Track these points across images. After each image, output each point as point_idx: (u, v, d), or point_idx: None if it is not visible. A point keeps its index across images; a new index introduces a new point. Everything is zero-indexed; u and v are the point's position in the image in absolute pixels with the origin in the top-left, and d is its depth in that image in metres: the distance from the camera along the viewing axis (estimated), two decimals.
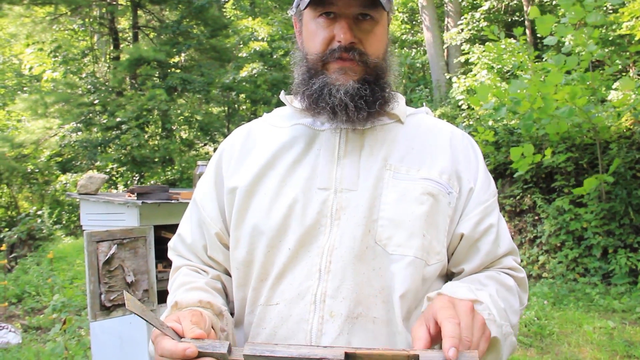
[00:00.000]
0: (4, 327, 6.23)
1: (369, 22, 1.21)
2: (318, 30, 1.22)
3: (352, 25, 1.19)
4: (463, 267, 1.24)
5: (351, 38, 1.18)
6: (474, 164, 1.28)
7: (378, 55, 1.23)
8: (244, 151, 1.33)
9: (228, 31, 16.75)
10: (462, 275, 1.24)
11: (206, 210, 1.32)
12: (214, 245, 1.31)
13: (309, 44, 1.25)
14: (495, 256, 1.25)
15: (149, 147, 14.11)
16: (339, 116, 1.20)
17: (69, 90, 14.62)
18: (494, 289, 1.16)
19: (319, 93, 1.20)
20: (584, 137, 7.45)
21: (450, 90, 12.66)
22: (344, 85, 1.19)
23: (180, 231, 1.39)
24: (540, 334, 5.37)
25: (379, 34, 1.23)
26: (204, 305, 1.11)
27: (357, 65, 1.20)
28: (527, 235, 7.90)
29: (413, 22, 18.35)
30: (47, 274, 8.86)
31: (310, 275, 1.14)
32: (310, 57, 1.24)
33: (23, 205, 16.85)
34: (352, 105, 1.18)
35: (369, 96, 1.20)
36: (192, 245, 1.35)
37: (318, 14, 1.22)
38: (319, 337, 1.10)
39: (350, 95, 1.18)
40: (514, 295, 1.22)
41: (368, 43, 1.21)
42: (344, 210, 1.17)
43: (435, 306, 0.97)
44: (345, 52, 1.19)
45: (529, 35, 12.61)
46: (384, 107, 1.25)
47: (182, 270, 1.34)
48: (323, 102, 1.20)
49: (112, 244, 2.67)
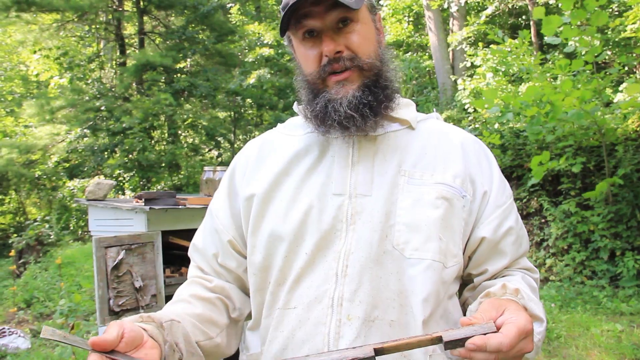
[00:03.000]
0: (14, 332, 6.27)
1: (350, 26, 1.22)
2: (307, 52, 1.25)
3: (334, 35, 1.21)
4: (486, 267, 1.27)
5: (335, 47, 1.20)
6: (486, 168, 1.31)
7: (369, 54, 1.25)
8: (259, 160, 1.36)
9: (234, 36, 16.79)
10: (486, 276, 1.28)
11: (220, 219, 1.36)
12: (226, 252, 1.34)
13: (304, 65, 1.28)
14: (517, 256, 1.29)
15: (155, 152, 14.16)
16: (348, 128, 1.22)
17: (76, 96, 14.68)
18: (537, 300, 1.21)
19: (324, 111, 1.23)
20: (590, 139, 7.44)
21: (456, 93, 12.66)
22: (346, 97, 1.21)
23: (195, 240, 1.43)
24: (547, 337, 5.36)
25: (363, 33, 1.24)
26: (145, 320, 1.09)
27: (353, 72, 1.22)
28: (534, 238, 7.88)
29: (418, 25, 18.35)
30: (55, 279, 8.91)
31: (328, 279, 1.16)
32: (309, 78, 1.27)
33: (31, 211, 16.94)
34: (357, 116, 1.20)
35: (373, 101, 1.22)
36: (203, 252, 1.39)
37: (301, 37, 1.25)
38: (337, 340, 1.12)
39: (354, 106, 1.20)
40: None
41: (355, 45, 1.22)
42: (359, 215, 1.19)
43: (511, 307, 1.02)
44: (336, 63, 1.21)
45: (534, 36, 12.60)
46: (390, 106, 1.27)
47: (184, 284, 1.39)
48: (329, 119, 1.22)
49: (120, 249, 2.70)
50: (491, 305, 1.01)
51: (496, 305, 1.02)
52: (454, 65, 14.58)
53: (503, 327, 0.95)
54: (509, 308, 1.01)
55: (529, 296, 1.13)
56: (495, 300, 1.04)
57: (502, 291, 1.12)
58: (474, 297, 1.29)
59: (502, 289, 1.13)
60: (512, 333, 0.93)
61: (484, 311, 1.00)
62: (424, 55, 17.35)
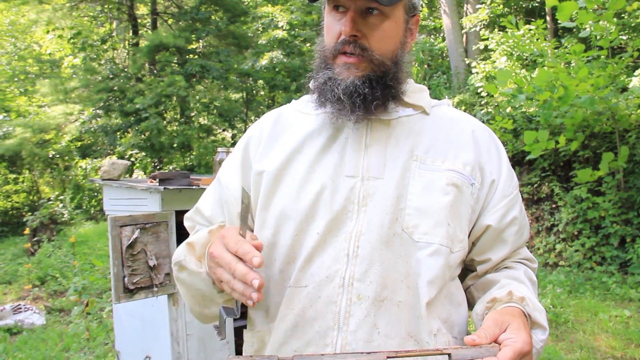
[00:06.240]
0: (29, 309, 6.39)
1: (376, 17, 1.22)
2: (331, 24, 1.26)
3: (358, 18, 1.21)
4: (489, 256, 1.30)
5: (352, 31, 1.20)
6: (495, 157, 1.33)
7: (384, 52, 1.24)
8: (272, 136, 1.37)
9: (247, 17, 16.73)
10: (489, 265, 1.31)
11: (230, 190, 1.36)
12: (234, 224, 1.34)
13: (326, 37, 1.29)
14: (517, 246, 1.33)
15: (168, 133, 14.20)
16: (337, 109, 1.25)
17: (89, 76, 14.73)
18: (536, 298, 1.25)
19: (323, 86, 1.25)
20: (603, 125, 7.40)
21: (469, 77, 12.57)
22: (345, 81, 1.22)
23: (199, 205, 1.44)
24: (555, 321, 5.39)
25: (387, 30, 1.24)
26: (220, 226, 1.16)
27: (362, 60, 1.23)
28: (544, 223, 7.88)
29: (432, 8, 18.20)
30: (69, 257, 9.03)
31: (339, 259, 1.18)
32: (325, 50, 1.28)
33: (44, 190, 17.10)
34: (348, 102, 1.22)
35: (368, 94, 1.23)
36: (210, 218, 1.40)
37: (331, 7, 1.25)
38: (347, 319, 1.15)
39: (349, 92, 1.21)
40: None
41: (373, 38, 1.22)
42: (371, 198, 1.21)
43: (514, 324, 1.05)
44: (347, 45, 1.22)
45: (549, 21, 12.46)
46: (381, 108, 1.28)
47: (196, 228, 1.42)
48: (323, 96, 1.25)
49: (135, 228, 2.74)
50: (495, 323, 1.04)
51: (499, 322, 1.05)
52: (467, 48, 14.46)
53: (501, 351, 0.98)
54: (511, 325, 1.04)
55: (534, 305, 1.16)
56: (499, 316, 1.07)
57: (508, 297, 1.16)
58: (477, 288, 1.33)
59: (508, 296, 1.16)
60: (508, 357, 0.96)
61: (488, 328, 1.03)
62: (437, 38, 17.22)
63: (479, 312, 1.20)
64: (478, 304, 1.24)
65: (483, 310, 1.19)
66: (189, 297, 1.27)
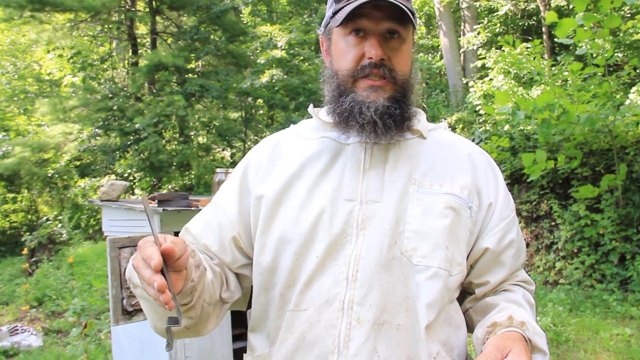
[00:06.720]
0: (26, 330, 6.35)
1: (396, 40, 1.26)
2: (348, 48, 1.27)
3: (382, 42, 1.24)
4: (487, 279, 1.31)
5: (382, 54, 1.23)
6: (492, 181, 1.34)
7: (405, 72, 1.28)
8: (272, 161, 1.37)
9: (246, 37, 16.83)
10: (487, 288, 1.32)
11: (227, 214, 1.36)
12: (225, 248, 1.34)
13: (339, 61, 1.29)
14: (515, 269, 1.34)
15: (167, 152, 14.21)
16: (367, 133, 1.25)
17: (89, 95, 14.78)
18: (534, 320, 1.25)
19: (350, 111, 1.25)
20: (600, 142, 7.42)
21: (467, 95, 12.64)
22: (375, 103, 1.23)
23: (189, 224, 1.42)
24: (556, 340, 5.36)
25: (405, 52, 1.28)
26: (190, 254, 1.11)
27: (387, 82, 1.25)
28: (543, 241, 7.87)
29: (430, 27, 18.34)
30: (67, 277, 8.99)
31: (338, 282, 1.18)
32: (340, 75, 1.28)
33: (43, 210, 17.08)
34: (381, 124, 1.23)
35: (398, 115, 1.25)
36: (196, 236, 1.37)
37: (348, 32, 1.26)
38: (347, 342, 1.15)
39: (380, 114, 1.23)
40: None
41: (396, 60, 1.26)
42: (370, 221, 1.22)
43: (515, 349, 1.05)
44: (376, 69, 1.23)
45: (546, 40, 12.56)
46: (411, 125, 1.30)
47: None
48: (353, 120, 1.25)
49: (134, 250, 2.74)
50: (496, 348, 1.05)
51: (501, 347, 1.05)
52: (465, 67, 14.56)
53: None
54: (513, 350, 1.05)
55: (535, 329, 1.16)
56: (500, 341, 1.08)
57: (509, 322, 1.16)
58: (476, 311, 1.33)
59: (509, 320, 1.16)
60: None
61: (489, 353, 1.04)
62: (435, 56, 17.34)
63: (480, 336, 1.20)
64: (478, 327, 1.24)
65: (484, 334, 1.18)
66: (150, 312, 1.21)
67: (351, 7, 1.20)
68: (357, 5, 1.20)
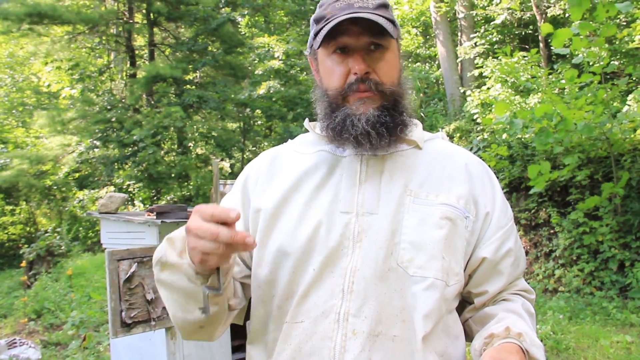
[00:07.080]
0: (25, 343, 6.32)
1: (380, 51, 1.26)
2: (334, 66, 1.28)
3: (365, 56, 1.25)
4: (486, 288, 1.31)
5: (366, 68, 1.24)
6: (489, 190, 1.34)
7: (393, 82, 1.29)
8: (270, 174, 1.38)
9: (244, 48, 16.89)
10: (486, 298, 1.31)
11: None
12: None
13: (328, 80, 1.31)
14: (514, 278, 1.33)
15: (165, 163, 14.22)
16: (363, 145, 1.26)
17: (87, 107, 14.81)
18: (533, 331, 1.26)
19: (342, 125, 1.26)
20: (598, 150, 7.44)
21: (464, 104, 12.66)
22: (365, 114, 1.24)
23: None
24: (556, 348, 5.35)
25: (390, 61, 1.29)
26: None
27: (375, 94, 1.26)
28: (542, 249, 7.87)
29: (427, 36, 18.40)
30: (66, 290, 8.97)
31: (334, 294, 1.19)
32: (330, 93, 1.30)
33: (41, 222, 17.06)
34: (374, 133, 1.24)
35: (390, 122, 1.26)
36: None
37: (332, 51, 1.28)
38: (342, 354, 1.15)
39: (372, 123, 1.24)
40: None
41: (382, 72, 1.26)
42: (366, 233, 1.22)
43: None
44: (362, 83, 1.25)
45: (543, 48, 12.60)
46: (404, 131, 1.31)
47: None
48: (346, 133, 1.25)
49: (132, 262, 2.74)
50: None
51: (497, 359, 1.06)
52: (462, 76, 14.60)
53: None
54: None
55: (532, 340, 1.16)
56: (497, 354, 1.08)
57: (506, 333, 1.16)
58: (475, 321, 1.33)
59: (506, 332, 1.16)
60: None
61: None
62: (432, 66, 17.38)
63: (477, 347, 1.20)
64: (476, 339, 1.24)
65: (481, 346, 1.19)
66: (172, 301, 1.20)
67: (328, 28, 1.22)
68: (334, 25, 1.21)
